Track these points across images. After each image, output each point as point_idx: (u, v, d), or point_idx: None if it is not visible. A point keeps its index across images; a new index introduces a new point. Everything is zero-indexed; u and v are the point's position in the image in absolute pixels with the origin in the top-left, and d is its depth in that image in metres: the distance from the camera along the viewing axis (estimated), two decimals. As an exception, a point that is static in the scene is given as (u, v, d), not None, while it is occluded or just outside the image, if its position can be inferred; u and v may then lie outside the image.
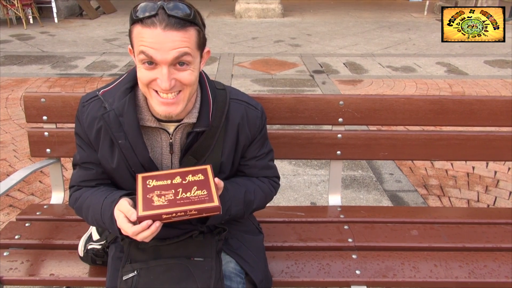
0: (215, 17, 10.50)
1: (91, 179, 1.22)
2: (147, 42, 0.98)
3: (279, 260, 1.49)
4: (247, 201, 1.23)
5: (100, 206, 1.12)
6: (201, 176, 1.09)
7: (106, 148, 1.16)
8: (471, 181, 3.01)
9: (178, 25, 0.98)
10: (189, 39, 1.00)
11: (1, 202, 2.66)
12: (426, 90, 5.07)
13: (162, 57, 0.98)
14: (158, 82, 1.02)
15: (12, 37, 7.98)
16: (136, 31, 1.00)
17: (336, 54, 6.89)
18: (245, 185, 1.25)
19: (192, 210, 1.00)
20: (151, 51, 0.98)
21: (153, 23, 0.96)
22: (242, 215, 1.24)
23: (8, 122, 4.01)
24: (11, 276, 1.41)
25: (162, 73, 1.00)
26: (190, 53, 1.01)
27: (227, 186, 1.18)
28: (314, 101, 1.72)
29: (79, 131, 1.20)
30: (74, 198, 1.23)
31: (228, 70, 5.90)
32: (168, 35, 0.97)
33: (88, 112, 1.17)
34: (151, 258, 1.16)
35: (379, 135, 1.77)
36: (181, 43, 0.99)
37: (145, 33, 0.97)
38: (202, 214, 1.02)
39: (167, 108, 1.06)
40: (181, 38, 0.98)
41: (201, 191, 1.04)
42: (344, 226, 1.66)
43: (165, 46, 0.97)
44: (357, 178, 3.02)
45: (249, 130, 1.24)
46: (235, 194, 1.20)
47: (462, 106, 1.73)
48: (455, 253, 1.52)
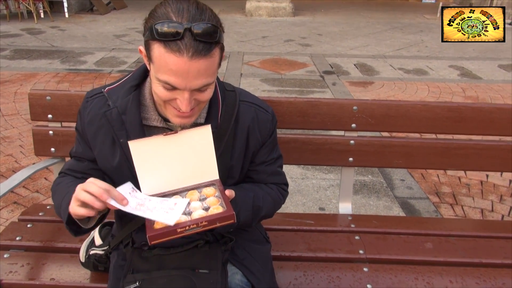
0: (225, 15, 10.44)
1: (79, 171, 1.18)
2: (171, 72, 0.91)
3: (287, 270, 1.43)
4: (255, 207, 1.17)
5: (67, 190, 1.07)
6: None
7: (107, 146, 1.11)
8: (485, 189, 2.93)
9: (205, 51, 0.90)
10: (214, 63, 0.95)
11: (5, 199, 2.63)
12: (439, 94, 4.98)
13: (186, 86, 0.93)
14: (178, 102, 0.97)
15: (23, 31, 8.00)
16: (157, 51, 0.91)
17: (347, 55, 6.80)
18: (253, 190, 1.20)
19: (203, 221, 0.95)
20: (174, 81, 0.92)
21: (179, 50, 0.89)
22: (250, 222, 1.19)
23: (16, 117, 3.99)
24: (11, 279, 1.37)
25: (184, 98, 0.95)
26: (213, 80, 0.97)
27: (235, 191, 1.12)
28: (327, 106, 1.66)
29: (78, 127, 1.17)
30: (56, 183, 1.20)
31: (237, 69, 5.84)
32: (194, 64, 0.90)
33: (91, 108, 1.13)
34: (154, 268, 1.10)
35: (394, 142, 1.71)
36: (206, 72, 0.93)
37: (169, 58, 0.90)
38: (215, 224, 0.96)
39: (183, 120, 1.03)
40: (207, 66, 0.93)
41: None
42: (355, 236, 1.60)
43: (190, 75, 0.91)
44: (367, 184, 2.95)
45: (260, 134, 1.19)
46: (243, 199, 1.14)
47: (481, 114, 1.65)
48: (471, 269, 1.45)
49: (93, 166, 1.17)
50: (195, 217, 0.98)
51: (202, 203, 1.04)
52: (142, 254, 1.13)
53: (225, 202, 1.01)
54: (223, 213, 0.97)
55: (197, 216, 0.98)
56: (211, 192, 1.07)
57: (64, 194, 1.07)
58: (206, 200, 1.04)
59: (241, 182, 1.24)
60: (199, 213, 0.99)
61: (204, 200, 1.05)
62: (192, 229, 0.95)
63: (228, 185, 1.16)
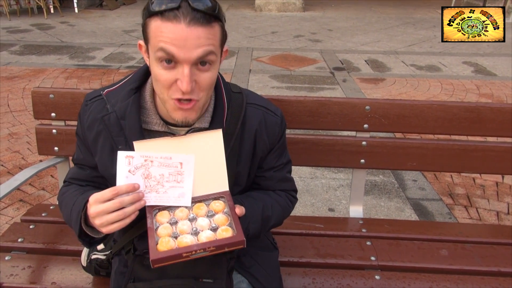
0: (235, 10, 10.36)
1: (83, 179, 1.16)
2: (168, 38, 0.86)
3: (295, 277, 1.38)
4: (265, 218, 1.12)
5: (74, 200, 1.04)
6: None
7: (106, 154, 1.06)
8: (500, 191, 2.83)
9: (203, 20, 0.86)
10: (214, 36, 0.90)
11: (11, 197, 2.61)
12: (452, 91, 4.86)
13: (185, 56, 0.87)
14: (178, 83, 0.90)
15: (33, 26, 8.02)
16: (154, 25, 0.88)
17: (358, 51, 6.69)
18: (262, 199, 1.14)
19: (211, 246, 0.89)
20: (172, 49, 0.86)
21: (176, 17, 0.85)
22: (258, 233, 1.13)
23: (24, 113, 3.98)
24: (12, 282, 1.33)
25: (184, 74, 0.89)
26: (215, 52, 0.91)
27: (243, 202, 1.07)
28: (338, 105, 1.59)
29: (79, 132, 1.13)
30: (61, 193, 1.17)
31: (246, 65, 5.78)
32: (193, 31, 0.86)
33: (90, 112, 1.08)
34: (155, 277, 1.06)
35: (408, 143, 1.64)
36: (206, 40, 0.88)
37: (165, 28, 0.86)
38: (224, 249, 0.91)
39: (184, 113, 0.96)
40: (207, 34, 0.88)
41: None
42: (367, 241, 1.53)
43: (189, 43, 0.86)
44: (378, 184, 2.87)
45: (267, 138, 1.12)
46: (252, 210, 1.08)
47: (501, 115, 1.57)
48: (489, 279, 1.38)
49: (96, 173, 1.13)
50: (202, 239, 0.92)
51: (210, 220, 0.97)
52: (144, 262, 1.08)
53: (234, 223, 0.95)
54: (233, 239, 0.91)
55: (205, 239, 0.92)
56: (220, 207, 1.00)
57: (72, 205, 1.04)
58: (214, 218, 0.98)
59: (248, 189, 1.18)
60: (207, 235, 0.93)
61: (212, 217, 0.98)
62: (199, 254, 0.89)
63: (235, 192, 1.10)
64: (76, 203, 1.02)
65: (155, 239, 0.92)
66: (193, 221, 0.97)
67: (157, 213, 0.99)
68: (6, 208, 2.52)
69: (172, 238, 0.92)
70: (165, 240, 0.91)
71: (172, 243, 0.91)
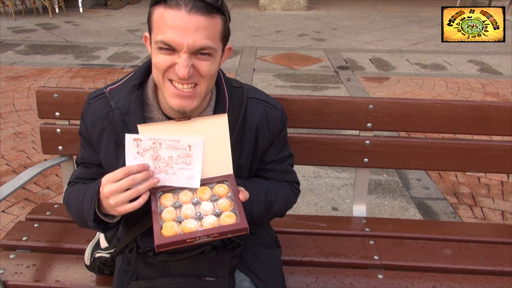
0: (239, 9, 10.36)
1: (88, 178, 1.16)
2: (169, 27, 0.88)
3: (298, 276, 1.38)
4: (268, 201, 1.12)
5: (85, 190, 1.05)
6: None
7: (111, 149, 1.07)
8: (505, 190, 2.81)
9: (204, 9, 0.88)
10: (214, 27, 0.91)
11: (16, 195, 2.63)
12: (457, 90, 4.83)
13: (183, 42, 0.88)
14: (176, 68, 0.91)
15: (38, 26, 8.07)
16: (157, 13, 0.91)
17: (362, 50, 6.67)
18: (265, 184, 1.15)
19: (215, 233, 0.90)
20: (172, 35, 0.88)
21: (177, 4, 0.87)
22: (262, 218, 1.13)
23: (29, 112, 4.01)
24: (16, 281, 1.35)
25: (181, 59, 0.90)
26: (213, 46, 0.92)
27: (247, 185, 1.07)
28: (341, 104, 1.59)
29: (82, 131, 1.13)
30: (67, 193, 1.17)
31: (250, 64, 5.78)
32: (193, 19, 0.87)
33: (93, 110, 1.09)
34: (158, 275, 1.06)
35: (412, 142, 1.63)
36: (205, 30, 0.89)
37: (167, 14, 0.88)
38: (227, 235, 0.92)
39: (182, 101, 0.96)
40: (206, 25, 0.89)
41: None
42: (370, 241, 1.53)
43: (188, 30, 0.87)
44: (382, 183, 2.86)
45: (269, 132, 1.13)
46: (256, 193, 1.09)
47: (506, 114, 1.56)
48: (493, 278, 1.37)
49: (101, 171, 1.13)
50: (206, 225, 0.93)
51: (213, 205, 0.98)
52: (146, 260, 1.09)
53: (238, 208, 0.96)
54: (236, 225, 0.92)
55: (208, 225, 0.93)
56: (224, 191, 1.01)
57: (83, 194, 1.04)
58: (217, 202, 0.99)
59: None
60: (210, 221, 0.94)
61: (215, 202, 0.99)
62: (202, 239, 0.90)
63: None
64: (88, 190, 1.03)
65: (160, 224, 0.92)
66: (197, 205, 0.98)
67: (161, 195, 0.99)
68: (11, 207, 2.54)
69: (176, 223, 0.93)
70: (170, 225, 0.92)
71: (176, 228, 0.92)
